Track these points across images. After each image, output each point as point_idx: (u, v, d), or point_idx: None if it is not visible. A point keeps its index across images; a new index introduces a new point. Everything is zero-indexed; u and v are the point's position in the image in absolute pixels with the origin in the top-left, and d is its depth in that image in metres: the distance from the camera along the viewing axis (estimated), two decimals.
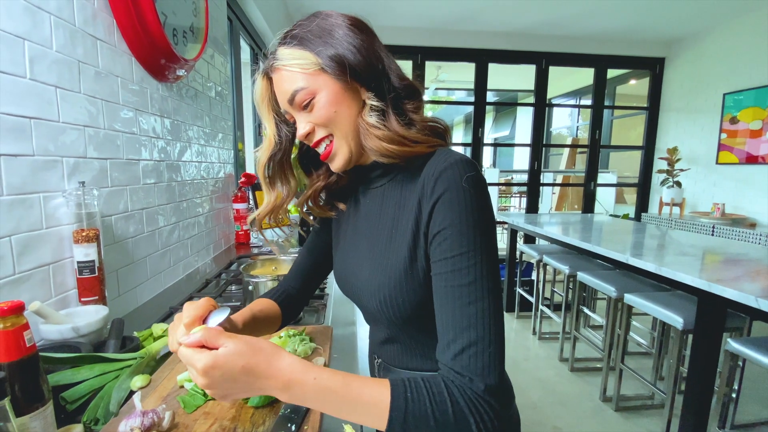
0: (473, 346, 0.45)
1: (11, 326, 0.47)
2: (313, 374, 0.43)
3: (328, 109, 0.53)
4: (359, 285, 0.61)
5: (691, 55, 4.07)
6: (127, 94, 1.04)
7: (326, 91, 0.53)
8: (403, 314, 0.55)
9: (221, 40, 1.82)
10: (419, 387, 0.44)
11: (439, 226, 0.49)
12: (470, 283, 0.46)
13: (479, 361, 0.44)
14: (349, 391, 0.43)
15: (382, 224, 0.58)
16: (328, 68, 0.52)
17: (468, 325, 0.45)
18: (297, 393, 0.43)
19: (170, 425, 0.55)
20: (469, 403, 0.43)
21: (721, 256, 1.93)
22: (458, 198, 0.48)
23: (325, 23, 0.54)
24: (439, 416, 0.43)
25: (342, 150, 0.56)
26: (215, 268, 1.50)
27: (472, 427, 0.43)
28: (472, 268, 0.47)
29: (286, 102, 0.55)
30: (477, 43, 4.12)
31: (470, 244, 0.47)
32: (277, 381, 0.43)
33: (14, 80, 0.70)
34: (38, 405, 0.50)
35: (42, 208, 0.76)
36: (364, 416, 0.44)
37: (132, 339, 0.78)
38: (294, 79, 0.53)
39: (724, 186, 3.74)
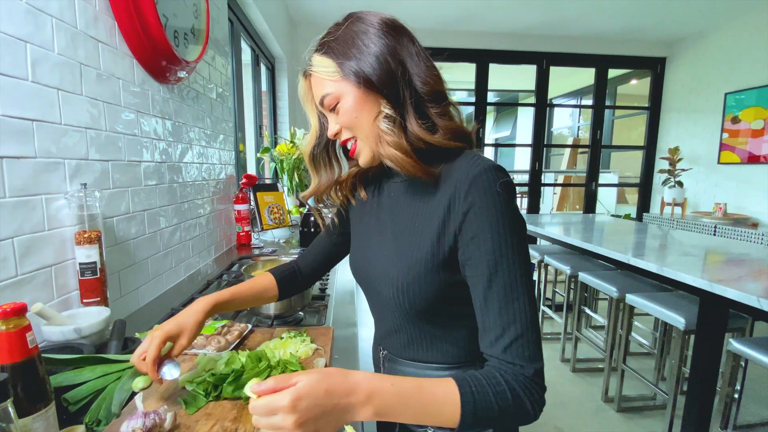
0: (520, 338, 0.50)
1: (14, 327, 0.47)
2: (389, 381, 0.46)
3: (350, 114, 0.57)
4: (376, 272, 0.64)
5: (693, 54, 4.06)
6: (128, 96, 1.04)
7: (349, 97, 0.57)
8: (418, 305, 0.58)
9: (222, 42, 1.82)
10: (480, 380, 0.48)
11: (475, 230, 0.52)
12: (510, 283, 0.50)
13: (526, 350, 0.50)
14: (422, 392, 0.46)
15: (406, 216, 0.61)
16: (348, 77, 0.56)
17: (513, 321, 0.50)
18: (379, 403, 0.44)
19: (172, 426, 0.55)
20: (523, 387, 0.48)
21: (723, 257, 1.93)
22: (494, 203, 0.51)
23: (353, 29, 0.57)
24: (501, 403, 0.47)
25: (364, 150, 0.61)
26: (216, 269, 1.50)
27: (528, 407, 0.48)
28: (511, 269, 0.51)
29: (318, 104, 0.61)
30: (477, 44, 4.12)
31: (507, 247, 0.51)
32: (358, 395, 0.44)
33: (16, 83, 0.70)
34: (41, 406, 0.50)
35: (44, 209, 0.76)
36: (438, 416, 0.46)
37: (134, 340, 0.79)
38: (323, 85, 0.59)
39: (726, 186, 3.73)
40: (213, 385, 0.64)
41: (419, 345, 0.63)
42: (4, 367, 0.47)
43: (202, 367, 0.68)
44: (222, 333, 0.83)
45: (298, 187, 2.72)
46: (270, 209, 2.08)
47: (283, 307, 0.97)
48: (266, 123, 3.43)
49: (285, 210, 2.18)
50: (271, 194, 2.13)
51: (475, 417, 0.46)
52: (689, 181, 3.97)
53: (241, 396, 0.63)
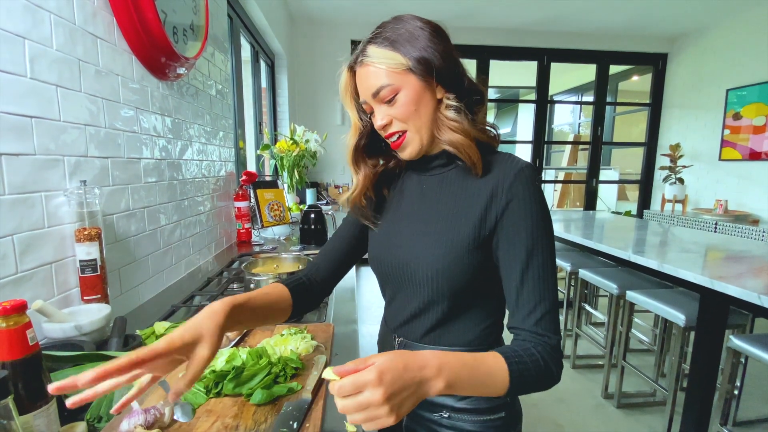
0: (549, 313, 0.57)
1: (14, 325, 0.47)
2: (452, 355, 0.49)
3: (409, 106, 0.60)
4: (409, 257, 0.65)
5: (694, 50, 4.04)
6: (127, 92, 1.04)
7: (408, 90, 0.60)
8: (454, 285, 0.62)
9: (221, 38, 1.81)
10: (517, 352, 0.54)
11: (516, 218, 0.58)
12: (543, 265, 0.58)
13: (552, 323, 0.57)
14: (479, 363, 0.51)
15: (442, 205, 0.65)
16: (416, 69, 0.59)
17: (544, 298, 0.57)
18: (449, 375, 0.47)
19: (171, 421, 0.56)
20: (549, 356, 0.55)
21: (724, 253, 1.92)
22: (533, 196, 0.59)
23: (411, 27, 0.60)
24: (536, 371, 0.54)
25: (414, 142, 0.63)
26: (217, 267, 1.50)
27: (554, 372, 0.55)
28: (545, 253, 0.58)
29: (370, 95, 0.62)
30: (478, 40, 4.11)
31: (543, 234, 0.58)
32: (431, 368, 0.46)
33: (15, 79, 0.70)
34: (41, 403, 0.50)
35: (44, 207, 0.76)
36: (491, 385, 0.51)
37: (134, 337, 0.78)
38: (380, 76, 0.60)
39: (727, 182, 3.73)
40: (214, 382, 0.64)
41: (442, 327, 0.67)
42: (5, 364, 0.47)
43: None
44: None
45: (298, 184, 2.72)
46: (270, 206, 2.08)
47: None
48: (266, 120, 3.42)
49: (285, 207, 2.18)
50: (271, 191, 2.12)
51: (519, 384, 0.52)
52: (690, 177, 3.96)
53: (242, 392, 0.63)
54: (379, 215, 0.74)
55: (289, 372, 0.69)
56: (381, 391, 0.41)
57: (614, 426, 2.02)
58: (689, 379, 1.68)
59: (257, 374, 0.65)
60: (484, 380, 0.50)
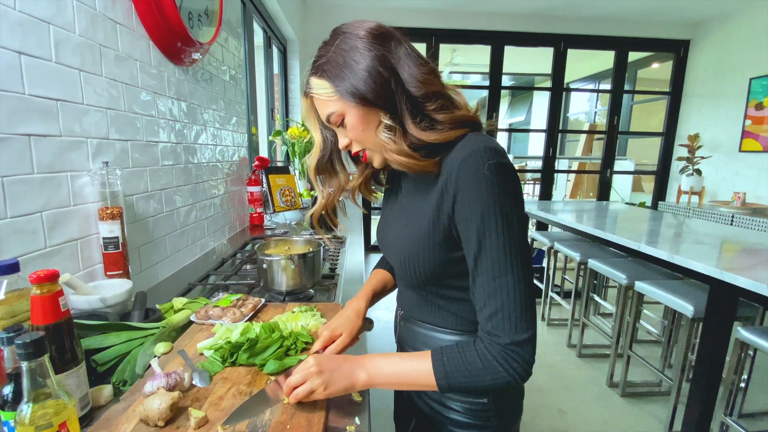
0: (500, 312, 0.54)
1: (47, 292, 0.51)
2: (379, 354, 0.60)
3: (357, 129, 0.62)
4: (390, 246, 0.72)
5: (718, 37, 3.90)
6: (145, 77, 1.07)
7: (351, 115, 0.61)
8: (419, 274, 0.64)
9: (235, 24, 1.83)
10: (454, 348, 0.57)
11: (462, 212, 0.56)
12: (495, 262, 0.54)
13: (505, 321, 0.54)
14: (404, 358, 0.59)
15: (414, 198, 0.67)
16: (346, 99, 0.59)
17: (494, 295, 0.54)
18: (371, 367, 0.58)
19: (191, 385, 0.60)
20: (497, 355, 0.54)
21: (738, 246, 1.90)
22: (479, 186, 0.54)
23: (342, 48, 0.59)
24: (471, 366, 0.55)
25: (376, 157, 0.66)
26: (230, 249, 1.55)
27: (501, 371, 0.54)
28: (496, 249, 0.54)
29: (325, 121, 0.65)
30: (493, 25, 4.03)
31: (492, 229, 0.54)
32: (357, 360, 0.59)
33: (41, 63, 0.73)
34: (72, 365, 0.54)
35: (69, 186, 0.80)
36: (418, 378, 0.57)
37: (154, 311, 0.83)
38: (325, 105, 0.62)
39: (746, 174, 3.63)
40: (229, 352, 0.68)
41: (428, 309, 0.69)
42: (39, 328, 0.51)
43: (219, 336, 0.72)
44: (237, 306, 0.87)
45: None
46: (282, 192, 2.12)
47: (295, 284, 1.01)
48: (278, 106, 3.44)
49: (296, 193, 2.22)
50: (282, 177, 2.16)
51: (447, 378, 0.55)
52: (708, 169, 3.86)
53: (255, 363, 0.67)
54: (385, 203, 0.80)
55: (299, 345, 0.72)
56: (315, 364, 0.56)
57: (617, 413, 2.04)
58: (695, 369, 1.68)
59: (270, 346, 0.69)
60: (408, 372, 0.57)
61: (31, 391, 0.41)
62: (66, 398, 0.44)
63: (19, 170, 0.69)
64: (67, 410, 0.44)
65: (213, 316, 0.83)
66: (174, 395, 0.54)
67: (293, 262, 0.98)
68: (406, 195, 0.71)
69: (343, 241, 1.68)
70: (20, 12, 0.69)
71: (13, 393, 0.45)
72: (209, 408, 0.56)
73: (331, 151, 0.71)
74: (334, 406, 0.60)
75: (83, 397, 0.55)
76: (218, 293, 1.04)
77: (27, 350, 0.40)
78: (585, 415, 2.02)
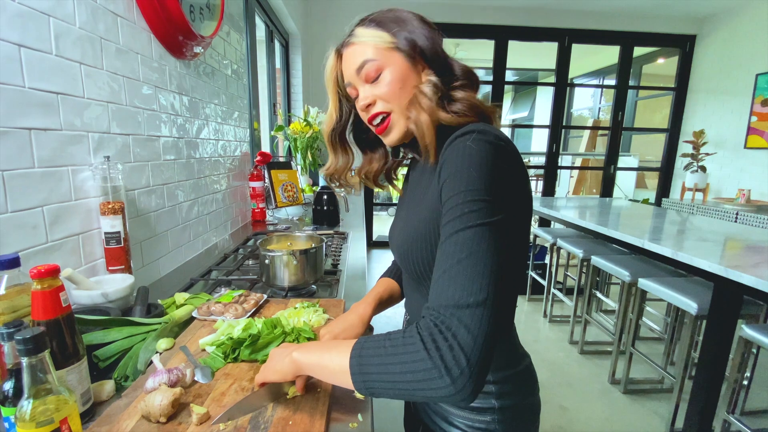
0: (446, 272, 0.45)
1: (48, 287, 0.51)
2: None
3: (394, 85, 0.58)
4: (393, 243, 0.70)
5: (724, 32, 3.85)
6: (147, 71, 1.06)
7: (394, 68, 0.58)
8: (418, 267, 0.61)
9: (237, 17, 1.81)
10: (380, 334, 0.49)
11: (441, 181, 0.51)
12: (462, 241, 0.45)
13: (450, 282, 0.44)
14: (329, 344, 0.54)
15: (416, 192, 0.65)
16: (402, 47, 0.58)
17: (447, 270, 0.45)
18: (300, 347, 0.55)
19: (192, 381, 0.59)
20: (423, 325, 0.44)
21: (742, 243, 1.88)
22: (459, 153, 0.50)
23: (399, 14, 0.61)
24: (390, 342, 0.46)
25: (398, 125, 0.61)
26: (232, 244, 1.55)
27: (418, 346, 0.42)
28: (467, 216, 0.46)
29: (354, 72, 0.60)
30: (497, 20, 3.99)
31: (468, 193, 0.47)
32: (293, 345, 0.57)
33: (41, 56, 0.72)
34: (73, 360, 0.54)
35: (71, 180, 0.80)
36: (337, 355, 0.49)
37: (156, 306, 0.83)
38: (365, 52, 0.58)
39: (751, 171, 3.60)
40: (231, 348, 0.67)
41: None
42: (40, 323, 0.51)
43: (221, 332, 0.72)
44: (239, 302, 0.87)
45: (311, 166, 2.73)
46: (284, 187, 2.11)
47: (297, 279, 1.00)
48: (280, 101, 3.42)
49: (298, 188, 2.21)
50: (284, 172, 2.15)
51: (360, 356, 0.46)
52: (713, 165, 3.84)
53: (257, 359, 0.66)
54: (401, 197, 0.78)
55: (302, 341, 0.72)
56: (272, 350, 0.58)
57: (619, 410, 2.04)
58: (698, 367, 1.68)
59: (272, 342, 0.68)
60: (330, 350, 0.51)
61: (31, 386, 0.41)
62: (67, 394, 0.44)
63: (20, 164, 0.68)
64: (68, 406, 0.43)
65: (215, 312, 0.83)
66: (176, 391, 0.53)
67: (295, 258, 0.98)
68: (409, 191, 0.70)
69: (345, 236, 1.67)
70: (19, 4, 0.68)
71: (13, 389, 0.45)
72: (211, 404, 0.56)
73: (344, 124, 0.69)
74: (336, 403, 0.59)
75: (85, 392, 0.55)
76: (220, 289, 1.04)
77: (27, 346, 0.40)
78: (587, 412, 2.02)
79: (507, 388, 0.61)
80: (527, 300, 3.50)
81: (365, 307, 0.76)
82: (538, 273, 3.46)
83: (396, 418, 0.89)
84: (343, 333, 0.71)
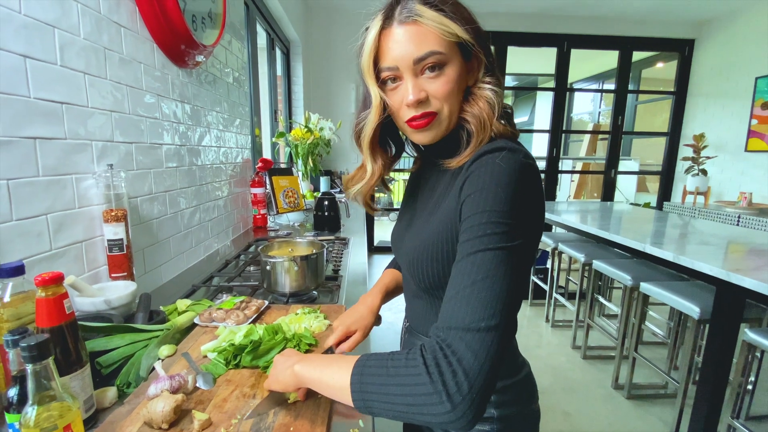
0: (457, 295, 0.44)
1: (52, 294, 0.51)
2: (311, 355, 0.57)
3: (452, 85, 0.53)
4: (399, 246, 0.68)
5: (723, 36, 3.87)
6: (149, 80, 1.07)
7: (454, 66, 0.53)
8: (427, 279, 0.58)
9: (238, 26, 1.83)
10: (383, 353, 0.48)
11: (469, 211, 0.48)
12: (480, 262, 0.44)
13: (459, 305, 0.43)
14: (336, 356, 0.55)
15: (429, 197, 0.63)
16: (468, 44, 0.53)
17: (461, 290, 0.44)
18: (303, 358, 0.54)
19: (194, 388, 0.60)
20: (428, 347, 0.43)
21: (744, 246, 1.88)
22: (487, 172, 0.47)
23: (461, 4, 0.55)
24: (392, 362, 0.44)
25: (441, 126, 0.56)
26: (234, 250, 1.55)
27: (420, 368, 0.41)
28: (488, 238, 0.45)
29: (412, 60, 0.52)
30: (495, 26, 4.02)
31: (493, 213, 0.45)
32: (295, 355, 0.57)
33: (46, 67, 0.73)
34: (77, 367, 0.54)
35: (74, 188, 0.81)
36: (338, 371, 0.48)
37: (158, 312, 0.83)
38: (433, 40, 0.51)
39: (752, 174, 3.60)
40: (233, 354, 0.68)
41: (432, 320, 0.64)
42: (44, 330, 0.51)
43: (223, 338, 0.73)
44: (240, 308, 0.87)
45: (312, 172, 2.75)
46: (285, 193, 2.12)
47: (299, 285, 1.00)
48: (281, 108, 3.45)
49: (299, 194, 2.22)
50: (286, 178, 2.16)
51: (362, 374, 0.45)
52: (714, 169, 3.84)
53: (259, 365, 0.67)
54: (404, 198, 0.75)
55: (303, 347, 0.72)
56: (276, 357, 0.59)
57: (623, 416, 2.02)
58: (701, 372, 1.67)
59: (273, 348, 0.69)
60: (331, 365, 0.50)
61: (36, 393, 0.41)
62: (70, 400, 0.44)
63: (25, 173, 0.69)
64: (71, 412, 0.44)
65: (217, 318, 0.83)
66: (178, 398, 0.54)
67: (296, 264, 0.98)
68: (423, 197, 0.66)
69: (347, 242, 1.68)
70: (25, 15, 0.69)
71: (18, 395, 0.45)
72: (213, 410, 0.56)
73: (388, 116, 0.59)
74: (337, 409, 0.60)
75: (87, 399, 0.56)
76: (222, 295, 1.04)
77: (32, 353, 0.40)
78: (590, 418, 2.01)
79: (507, 397, 0.61)
80: (529, 305, 3.49)
81: (373, 298, 0.77)
82: (540, 278, 3.46)
83: (398, 424, 0.88)
84: (354, 324, 0.72)
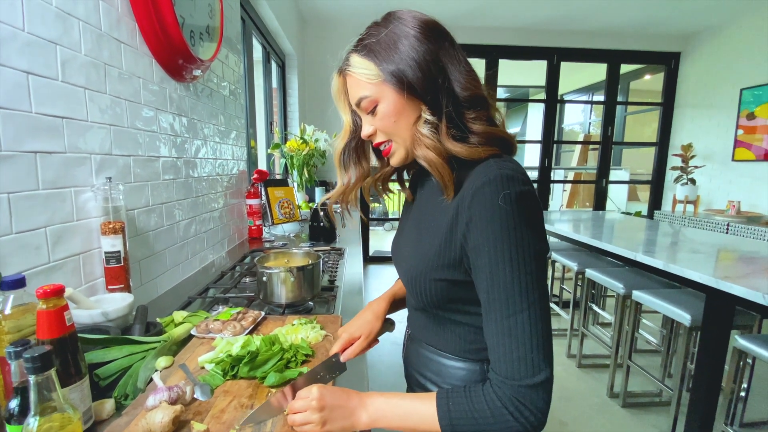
0: (513, 353, 0.50)
1: (53, 307, 0.52)
2: (379, 393, 0.57)
3: (389, 119, 0.58)
4: (401, 259, 0.69)
5: (708, 49, 3.99)
6: (147, 94, 1.09)
7: (387, 102, 0.57)
8: (426, 295, 0.61)
9: (235, 40, 1.87)
10: (460, 391, 0.54)
11: (475, 241, 0.52)
12: (507, 298, 0.51)
13: (518, 364, 0.50)
14: (406, 399, 0.56)
15: (426, 214, 0.65)
16: (389, 82, 0.56)
17: (508, 335, 0.51)
18: (372, 407, 0.56)
19: (192, 399, 0.60)
20: (505, 400, 0.50)
21: (734, 254, 1.92)
22: (492, 217, 0.51)
23: (395, 32, 0.56)
24: (478, 414, 0.51)
25: (399, 152, 0.62)
26: (230, 262, 1.56)
27: (509, 419, 0.50)
28: (509, 283, 0.50)
29: (354, 105, 0.61)
30: (487, 39, 4.11)
31: (506, 262, 0.50)
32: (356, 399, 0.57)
33: (48, 82, 0.75)
34: (76, 378, 0.55)
35: (73, 201, 0.82)
36: (421, 422, 0.54)
37: (155, 324, 0.84)
38: (360, 86, 0.59)
39: (740, 183, 3.68)
40: (230, 365, 0.68)
41: (434, 331, 0.66)
42: (45, 342, 0.52)
43: (220, 350, 0.73)
44: (237, 319, 0.88)
45: (307, 183, 2.77)
46: (281, 204, 2.14)
47: (295, 296, 1.01)
48: (276, 119, 3.48)
49: (295, 205, 2.23)
50: (281, 189, 2.18)
51: (453, 425, 0.52)
52: (702, 178, 3.92)
53: (256, 376, 0.67)
54: (404, 209, 0.77)
55: (300, 358, 0.73)
56: (319, 397, 0.54)
57: (619, 425, 2.02)
58: (694, 379, 1.68)
59: (270, 359, 0.69)
60: (411, 416, 0.54)
61: (38, 404, 0.42)
62: (71, 412, 0.45)
63: (25, 186, 0.70)
64: (72, 424, 0.44)
65: (213, 329, 0.84)
66: (176, 409, 0.54)
67: (292, 275, 0.99)
68: (422, 208, 0.67)
69: (342, 252, 1.69)
70: (29, 33, 0.71)
71: (19, 406, 0.46)
72: (211, 421, 0.56)
73: (359, 136, 0.66)
74: None
75: (86, 411, 0.56)
76: (218, 306, 1.05)
77: (35, 364, 0.41)
78: (586, 427, 2.01)
79: None
80: None
81: (379, 303, 0.78)
82: None
83: None
84: (358, 330, 0.73)
